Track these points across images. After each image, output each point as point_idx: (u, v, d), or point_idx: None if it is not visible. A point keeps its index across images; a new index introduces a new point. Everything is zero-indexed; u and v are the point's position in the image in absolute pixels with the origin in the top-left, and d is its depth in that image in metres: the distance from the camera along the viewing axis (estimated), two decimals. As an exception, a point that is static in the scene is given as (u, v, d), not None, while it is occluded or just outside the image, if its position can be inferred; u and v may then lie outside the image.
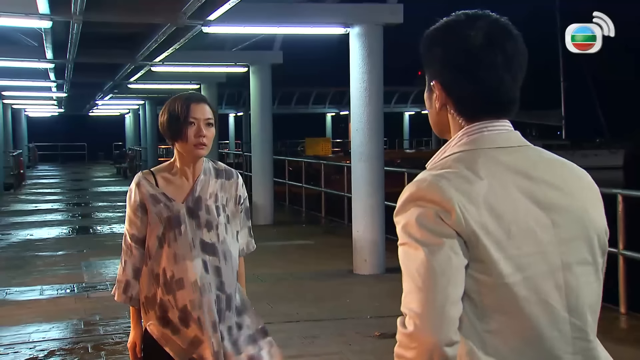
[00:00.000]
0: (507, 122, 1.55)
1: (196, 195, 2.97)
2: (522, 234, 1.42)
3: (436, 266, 1.36)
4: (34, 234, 12.76)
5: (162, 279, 2.94)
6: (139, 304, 3.04)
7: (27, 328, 6.64)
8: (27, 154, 35.27)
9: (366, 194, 8.92)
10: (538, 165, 1.51)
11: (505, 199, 1.43)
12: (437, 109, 1.58)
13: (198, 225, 2.95)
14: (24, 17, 8.71)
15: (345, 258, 9.32)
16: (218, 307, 2.95)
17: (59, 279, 8.77)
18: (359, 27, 8.86)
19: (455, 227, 1.39)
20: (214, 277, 2.95)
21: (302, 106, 43.71)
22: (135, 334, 3.07)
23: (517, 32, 1.54)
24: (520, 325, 1.42)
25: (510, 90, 1.52)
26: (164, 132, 3.01)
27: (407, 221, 1.41)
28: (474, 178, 1.43)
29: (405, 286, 1.40)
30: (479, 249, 1.39)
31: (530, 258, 1.42)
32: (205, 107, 2.95)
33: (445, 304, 1.35)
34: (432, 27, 1.58)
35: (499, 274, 1.40)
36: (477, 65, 1.49)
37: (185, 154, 2.96)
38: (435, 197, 1.40)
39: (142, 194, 2.97)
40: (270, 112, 13.97)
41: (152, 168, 3.12)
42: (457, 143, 1.53)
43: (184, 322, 2.93)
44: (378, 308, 7.14)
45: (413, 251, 1.39)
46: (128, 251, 3.03)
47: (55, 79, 17.68)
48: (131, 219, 3.01)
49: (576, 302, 1.47)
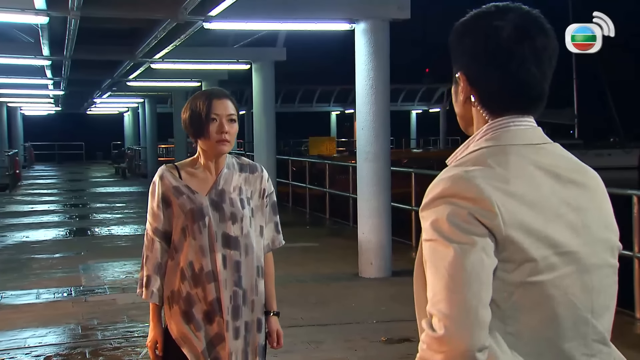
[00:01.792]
0: (531, 119, 1.55)
1: (220, 188, 3.03)
2: (557, 234, 1.43)
3: (469, 267, 1.35)
4: (30, 236, 12.77)
5: (189, 272, 2.99)
6: (161, 300, 3.06)
7: (23, 333, 6.65)
8: (23, 154, 35.34)
9: (372, 194, 8.92)
10: (563, 164, 1.52)
11: (539, 198, 1.44)
12: (461, 102, 1.59)
13: (222, 218, 3.00)
14: (20, 13, 8.73)
15: (350, 261, 9.32)
16: (234, 303, 2.99)
17: (55, 282, 8.78)
18: (365, 22, 8.85)
19: (491, 226, 1.38)
20: (232, 271, 3.00)
21: (306, 104, 43.67)
22: (156, 331, 3.09)
23: (549, 26, 1.53)
24: (544, 326, 1.42)
25: (539, 85, 1.52)
26: (187, 129, 3.06)
27: (438, 217, 1.40)
28: (509, 176, 1.44)
29: (434, 285, 1.38)
30: (514, 248, 1.39)
31: (563, 258, 1.43)
32: (228, 103, 3.00)
33: (478, 308, 1.34)
34: (462, 18, 1.58)
35: (532, 272, 1.40)
36: (505, 58, 1.49)
37: (208, 150, 3.01)
38: (472, 194, 1.39)
39: (166, 186, 3.03)
40: (273, 111, 13.97)
41: (175, 163, 3.17)
42: (482, 137, 1.53)
43: (209, 318, 2.98)
44: (384, 312, 7.14)
45: (443, 249, 1.38)
46: (150, 245, 3.06)
47: (52, 77, 17.74)
48: (154, 212, 3.05)
49: (598, 305, 1.48)
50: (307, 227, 13.69)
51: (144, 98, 29.16)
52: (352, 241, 9.55)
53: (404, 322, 6.46)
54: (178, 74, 18.08)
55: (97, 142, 43.73)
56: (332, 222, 14.24)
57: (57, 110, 36.66)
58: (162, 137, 31.01)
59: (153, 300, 3.05)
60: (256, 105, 13.91)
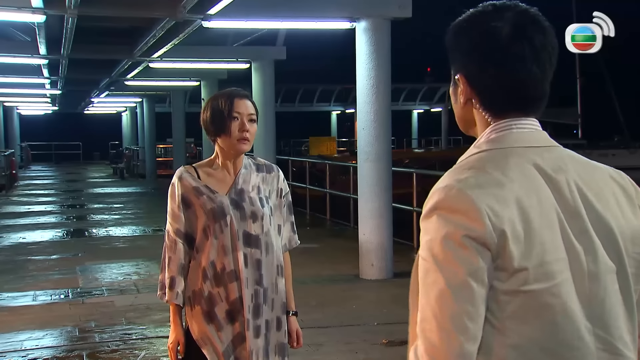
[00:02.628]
0: (535, 121, 1.54)
1: (239, 188, 3.09)
2: (552, 240, 1.41)
3: (457, 301, 1.36)
4: (26, 237, 12.78)
5: (211, 272, 3.03)
6: (183, 301, 3.10)
7: (19, 335, 6.65)
8: (20, 154, 35.34)
9: (373, 195, 8.92)
10: (569, 168, 1.50)
11: (536, 203, 1.42)
12: (462, 104, 1.57)
13: (243, 216, 3.05)
14: (16, 11, 8.74)
15: (351, 262, 9.32)
16: (255, 302, 3.04)
17: (52, 284, 8.79)
18: (366, 21, 8.86)
19: (484, 239, 1.37)
20: (253, 270, 3.05)
21: (306, 104, 43.64)
22: (178, 332, 3.12)
23: (548, 24, 1.52)
24: (544, 337, 1.41)
25: (539, 84, 1.51)
26: (207, 128, 3.11)
27: (433, 238, 1.40)
28: (505, 180, 1.42)
29: (423, 309, 1.40)
30: (505, 257, 1.38)
31: (558, 265, 1.41)
32: (248, 103, 3.11)
33: (466, 342, 1.36)
34: (458, 18, 1.57)
35: (523, 281, 1.38)
36: (504, 57, 1.48)
37: (228, 149, 3.07)
38: (463, 206, 1.38)
39: (185, 187, 3.08)
40: (272, 110, 14.00)
41: (193, 164, 3.23)
42: (484, 140, 1.52)
43: (231, 318, 3.02)
44: (386, 314, 7.14)
45: (434, 275, 1.38)
46: (172, 246, 3.10)
47: (49, 76, 17.73)
48: (175, 213, 3.10)
49: (601, 312, 1.45)
50: (307, 228, 13.68)
51: (142, 97, 29.18)
52: (353, 242, 9.55)
53: (405, 324, 6.41)
54: (177, 73, 18.09)
55: (94, 142, 43.68)
56: (332, 223, 14.25)
57: (54, 110, 36.67)
58: (161, 137, 30.97)
59: (178, 301, 3.09)
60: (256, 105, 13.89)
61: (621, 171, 1.59)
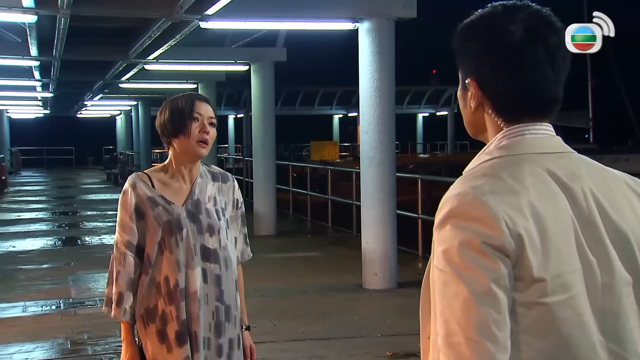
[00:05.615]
0: (549, 126, 1.53)
1: (195, 199, 3.02)
2: (567, 250, 1.41)
3: (483, 309, 1.34)
4: (16, 246, 12.78)
5: (164, 289, 2.95)
6: (133, 318, 3.02)
7: (8, 348, 6.65)
8: (10, 159, 35.38)
9: (376, 201, 8.91)
10: (584, 175, 1.49)
11: (551, 211, 1.42)
12: (472, 109, 1.56)
13: (199, 230, 2.98)
14: (6, 11, 8.75)
15: (353, 271, 9.31)
16: (217, 319, 2.97)
17: (43, 295, 8.78)
18: (369, 22, 8.87)
19: (502, 247, 1.36)
20: (214, 286, 2.98)
21: (307, 107, 43.71)
22: (131, 350, 3.03)
23: (560, 25, 1.51)
24: (560, 352, 1.40)
25: (554, 87, 1.51)
26: (164, 129, 3.02)
27: (449, 247, 1.38)
28: (520, 188, 1.41)
29: (447, 322, 1.37)
30: (524, 265, 1.37)
31: (573, 276, 1.40)
32: (209, 107, 3.05)
33: (497, 352, 1.34)
34: (466, 19, 1.56)
35: (542, 292, 1.38)
36: (518, 61, 1.47)
37: (185, 152, 3.00)
38: (479, 214, 1.38)
39: (139, 197, 2.99)
40: (272, 114, 13.98)
41: (144, 170, 3.15)
42: (496, 146, 1.51)
43: (180, 339, 2.93)
44: (390, 326, 7.13)
45: (455, 286, 1.36)
46: (121, 259, 3.00)
47: (40, 78, 17.74)
48: (125, 224, 3.00)
49: (615, 326, 1.44)
50: (308, 236, 13.69)
51: (137, 100, 29.19)
52: (356, 251, 9.55)
53: (410, 335, 6.45)
54: (173, 76, 18.08)
55: (88, 147, 43.75)
56: (334, 231, 14.24)
57: (46, 114, 36.67)
58: (156, 142, 30.98)
59: (125, 318, 3.01)
60: (255, 108, 13.92)
61: (638, 179, 1.58)
